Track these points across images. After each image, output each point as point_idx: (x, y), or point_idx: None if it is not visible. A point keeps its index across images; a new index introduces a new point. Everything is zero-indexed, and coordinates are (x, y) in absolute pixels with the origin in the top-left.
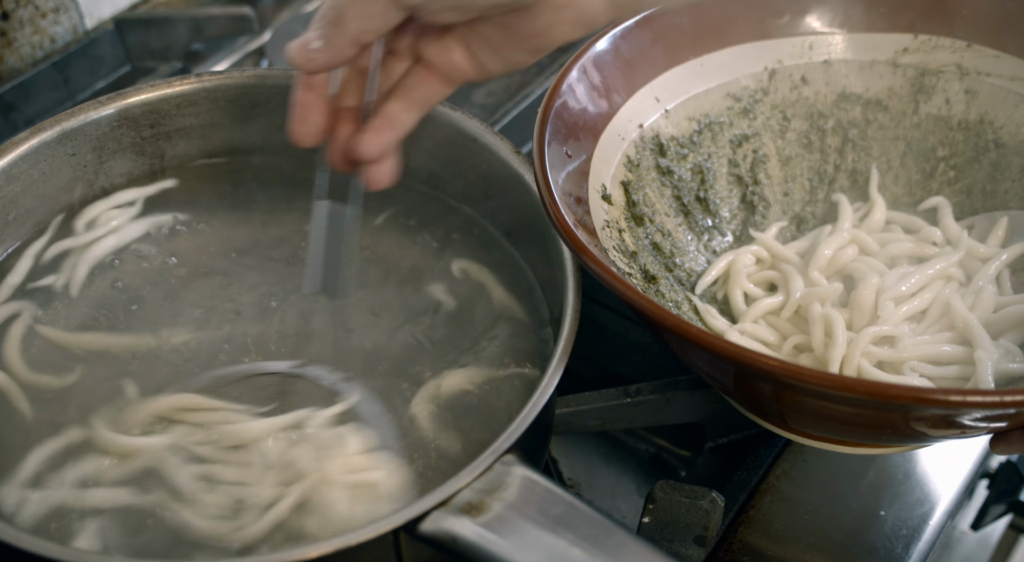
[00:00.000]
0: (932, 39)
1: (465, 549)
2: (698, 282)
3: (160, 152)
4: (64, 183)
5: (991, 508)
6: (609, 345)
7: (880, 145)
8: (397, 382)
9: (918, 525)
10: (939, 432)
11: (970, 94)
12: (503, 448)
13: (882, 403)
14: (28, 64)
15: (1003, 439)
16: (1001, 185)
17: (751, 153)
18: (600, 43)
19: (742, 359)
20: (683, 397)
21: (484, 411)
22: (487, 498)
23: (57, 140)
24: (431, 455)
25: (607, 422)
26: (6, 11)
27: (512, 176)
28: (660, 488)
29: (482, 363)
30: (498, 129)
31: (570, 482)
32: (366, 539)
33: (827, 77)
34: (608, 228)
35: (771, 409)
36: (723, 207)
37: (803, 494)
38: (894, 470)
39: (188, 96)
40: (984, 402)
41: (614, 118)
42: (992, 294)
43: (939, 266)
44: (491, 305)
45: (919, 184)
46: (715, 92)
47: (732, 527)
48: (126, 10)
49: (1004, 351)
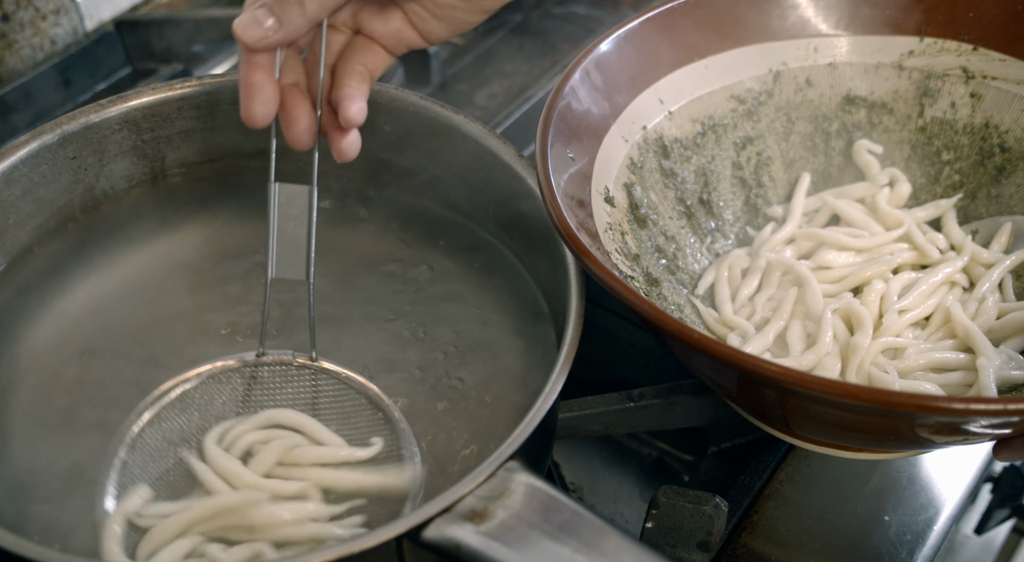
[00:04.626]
0: (938, 42)
1: (468, 556)
2: (699, 284)
3: (161, 155)
4: (65, 186)
5: (995, 512)
6: (612, 349)
7: (885, 148)
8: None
9: (922, 530)
10: (943, 439)
11: (976, 98)
12: (506, 454)
13: (886, 410)
14: (28, 66)
15: (1006, 445)
16: (1006, 189)
17: (755, 155)
18: (604, 45)
19: (745, 365)
20: (686, 401)
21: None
22: (490, 505)
23: (58, 143)
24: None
25: (610, 426)
26: (6, 13)
27: (514, 179)
28: (663, 493)
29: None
30: (500, 132)
31: (572, 487)
32: (369, 546)
33: (832, 80)
34: (611, 231)
35: (774, 414)
36: (726, 210)
37: (807, 499)
38: (898, 475)
39: (189, 99)
40: (988, 410)
41: (617, 120)
42: (995, 300)
43: (945, 272)
44: (492, 307)
45: (924, 188)
46: (719, 94)
47: (736, 532)
48: (127, 12)
49: (1006, 358)
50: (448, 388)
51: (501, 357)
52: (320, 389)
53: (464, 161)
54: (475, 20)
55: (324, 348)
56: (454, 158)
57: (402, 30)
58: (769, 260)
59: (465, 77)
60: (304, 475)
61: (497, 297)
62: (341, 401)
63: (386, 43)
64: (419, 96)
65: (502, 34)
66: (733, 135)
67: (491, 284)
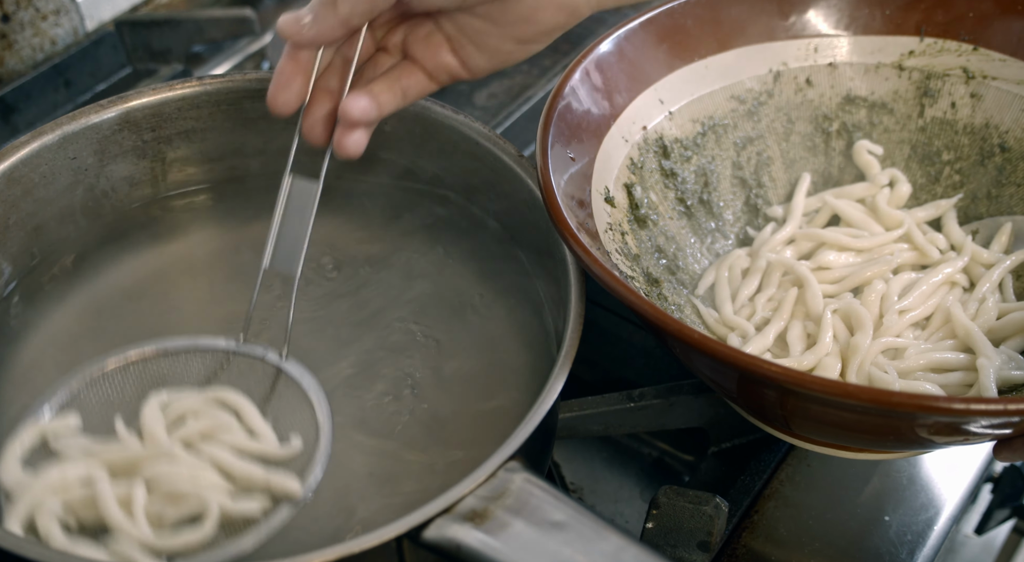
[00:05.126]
0: (938, 42)
1: (468, 556)
2: (699, 284)
3: (161, 156)
4: (65, 187)
5: (995, 512)
6: (612, 349)
7: (885, 148)
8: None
9: (923, 530)
10: (943, 439)
11: (976, 98)
12: (507, 454)
13: (886, 411)
14: (29, 66)
15: (1007, 446)
16: (1006, 190)
17: (755, 156)
18: (604, 45)
19: (745, 365)
20: (686, 401)
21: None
22: (491, 505)
23: (58, 144)
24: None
25: (610, 427)
26: (7, 13)
27: (514, 179)
28: (664, 493)
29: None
30: (500, 132)
31: (573, 487)
32: (369, 546)
33: (832, 80)
34: (611, 231)
35: (775, 415)
36: (727, 210)
37: (807, 499)
38: (898, 475)
39: (190, 99)
40: (988, 410)
41: (617, 120)
42: (995, 301)
43: (945, 272)
44: (492, 307)
45: (924, 188)
46: (719, 94)
47: (736, 532)
48: (127, 12)
49: (1006, 358)
50: (447, 388)
51: (501, 357)
52: (276, 387)
53: (464, 161)
54: (513, 51)
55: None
56: (454, 158)
57: (446, 58)
58: (769, 260)
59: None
60: (214, 454)
61: (497, 297)
62: (290, 403)
63: (427, 68)
64: None
65: None
66: (733, 135)
67: (491, 284)
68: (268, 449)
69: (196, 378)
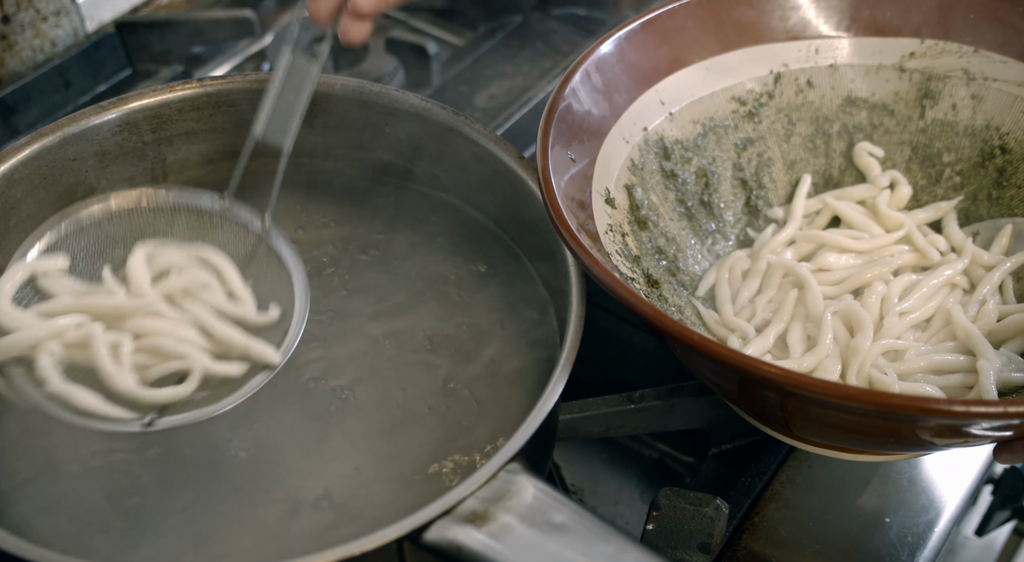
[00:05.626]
0: (939, 44)
1: (469, 558)
2: (699, 285)
3: (161, 157)
4: (65, 188)
5: (995, 514)
6: (613, 350)
7: (886, 150)
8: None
9: (923, 532)
10: (943, 441)
11: (976, 99)
12: (507, 456)
13: (886, 413)
14: (29, 68)
15: (1007, 448)
16: (1007, 191)
17: (756, 157)
18: (604, 46)
19: (746, 367)
20: (687, 403)
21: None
22: (491, 507)
23: (59, 145)
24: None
25: (611, 428)
26: (7, 15)
27: (515, 181)
28: (664, 495)
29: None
30: (500, 133)
31: (573, 488)
32: (370, 548)
33: (833, 81)
34: (611, 232)
35: (775, 416)
36: (727, 211)
37: (808, 501)
38: (899, 477)
39: (190, 101)
40: (988, 413)
41: (618, 121)
42: (995, 303)
43: (946, 274)
44: (493, 308)
45: (924, 189)
46: (720, 95)
47: (736, 534)
48: (127, 13)
49: (1007, 360)
50: (447, 389)
51: (501, 358)
52: (256, 253)
53: (465, 163)
54: None
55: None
56: (454, 160)
57: None
58: (770, 262)
59: (465, 79)
60: (197, 313)
61: (497, 298)
62: (268, 270)
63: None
64: (420, 98)
65: (502, 36)
66: (734, 136)
67: (491, 285)
68: (247, 314)
69: (181, 235)
